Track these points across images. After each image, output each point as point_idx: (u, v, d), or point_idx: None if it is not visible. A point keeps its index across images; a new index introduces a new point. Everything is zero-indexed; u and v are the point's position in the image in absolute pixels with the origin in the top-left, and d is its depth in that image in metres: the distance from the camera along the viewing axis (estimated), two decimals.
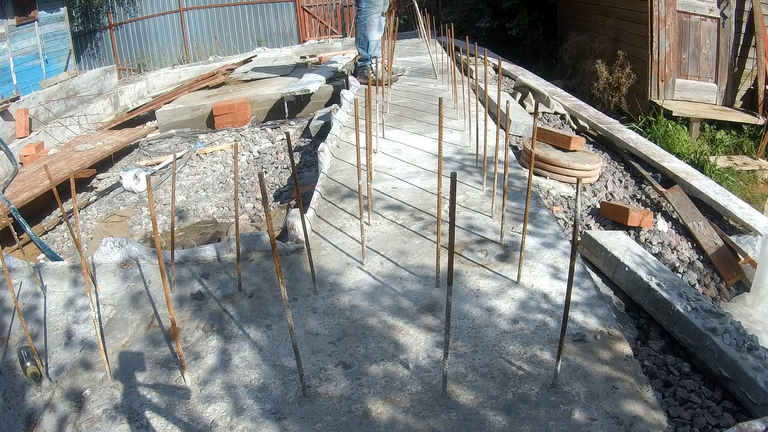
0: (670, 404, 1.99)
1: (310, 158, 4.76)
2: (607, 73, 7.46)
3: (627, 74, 7.27)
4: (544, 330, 2.03)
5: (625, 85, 7.31)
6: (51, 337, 2.25)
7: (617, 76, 7.34)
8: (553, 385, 1.77)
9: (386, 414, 1.72)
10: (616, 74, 7.35)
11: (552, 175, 3.90)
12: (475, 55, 3.86)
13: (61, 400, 1.92)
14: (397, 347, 2.00)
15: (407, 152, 3.90)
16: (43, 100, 7.46)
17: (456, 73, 5.37)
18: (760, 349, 2.04)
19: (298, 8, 13.47)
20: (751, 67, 7.06)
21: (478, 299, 2.22)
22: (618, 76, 7.33)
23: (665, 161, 4.19)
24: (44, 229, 4.51)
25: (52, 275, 2.62)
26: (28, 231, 3.97)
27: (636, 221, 3.34)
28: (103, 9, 13.12)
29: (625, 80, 7.29)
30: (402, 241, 2.69)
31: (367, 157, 2.76)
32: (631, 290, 2.55)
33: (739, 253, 3.20)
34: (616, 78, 7.36)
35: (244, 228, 3.74)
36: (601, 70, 7.51)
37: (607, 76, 7.44)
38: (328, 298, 2.29)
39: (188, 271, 2.58)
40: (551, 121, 5.38)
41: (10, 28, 8.13)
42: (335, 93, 6.43)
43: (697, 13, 7.02)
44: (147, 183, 1.77)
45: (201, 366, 1.99)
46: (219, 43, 13.30)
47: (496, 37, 11.13)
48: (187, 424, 1.75)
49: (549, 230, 2.71)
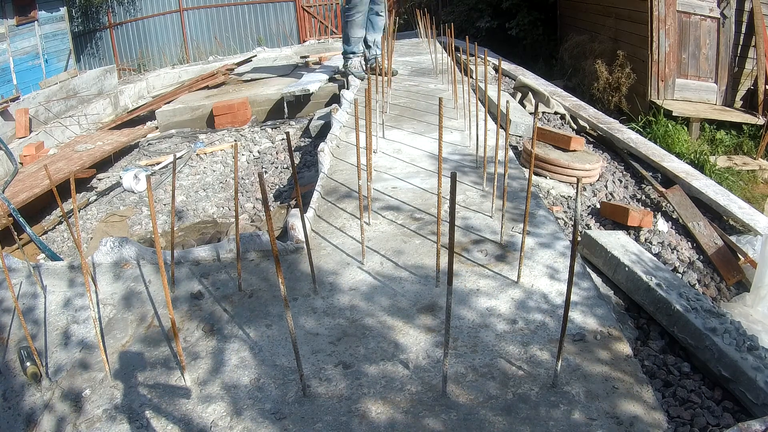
0: (670, 404, 1.99)
1: (310, 158, 4.76)
2: (607, 73, 7.46)
3: (627, 74, 7.27)
4: (543, 330, 2.03)
5: (625, 85, 7.31)
6: (51, 337, 2.25)
7: (617, 76, 7.34)
8: (553, 385, 1.77)
9: (386, 414, 1.72)
10: (616, 74, 7.35)
11: (552, 175, 3.90)
12: (476, 55, 3.86)
13: (60, 400, 1.92)
14: (397, 347, 2.00)
15: (407, 152, 3.90)
16: (43, 100, 7.46)
17: (456, 73, 5.37)
18: (760, 349, 2.04)
19: (298, 8, 13.47)
20: (751, 67, 7.06)
21: (478, 299, 2.22)
22: (618, 76, 7.33)
23: (665, 161, 4.19)
24: (44, 229, 4.51)
25: (51, 275, 2.62)
26: (28, 231, 3.97)
27: (636, 221, 3.34)
28: (103, 9, 13.11)
29: (625, 80, 7.29)
30: (402, 240, 2.69)
31: (367, 157, 2.76)
32: (631, 290, 2.55)
33: (739, 253, 3.20)
34: (616, 78, 7.36)
35: (244, 228, 3.74)
36: (601, 70, 7.51)
37: (607, 76, 7.44)
38: (327, 298, 2.29)
39: (188, 271, 2.58)
40: (551, 121, 5.38)
41: (10, 28, 8.13)
42: (335, 93, 6.43)
43: (697, 13, 7.02)
44: (147, 183, 1.77)
45: (201, 366, 1.99)
46: (219, 43, 13.30)
47: (496, 37, 11.13)
48: (186, 424, 1.75)
49: (549, 230, 2.71)
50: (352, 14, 6.06)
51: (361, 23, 6.15)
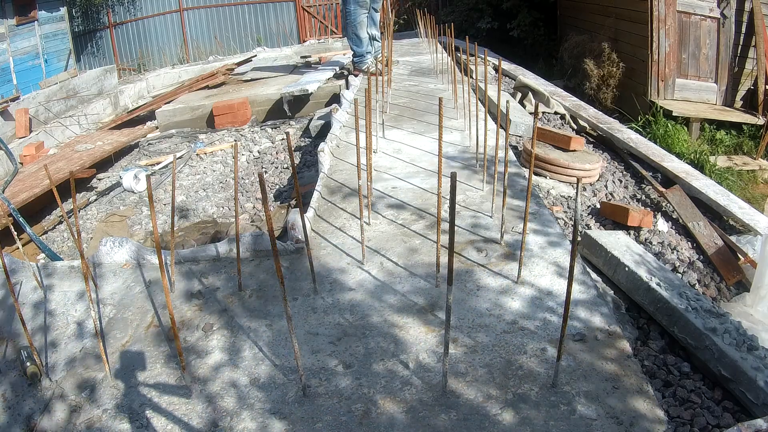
0: (670, 404, 1.99)
1: (310, 158, 4.76)
2: (596, 69, 7.46)
3: (617, 64, 7.26)
4: (543, 330, 2.03)
5: (616, 76, 7.30)
6: (51, 336, 2.24)
7: (608, 70, 7.34)
8: (553, 384, 1.77)
9: (386, 414, 1.72)
10: (607, 67, 7.34)
11: (552, 174, 3.90)
12: (476, 55, 3.85)
13: (60, 400, 1.92)
14: (398, 347, 2.00)
15: (407, 152, 3.90)
16: (43, 100, 7.46)
17: (456, 72, 5.37)
18: (760, 349, 2.04)
19: (298, 8, 13.47)
20: (751, 67, 7.06)
21: (478, 299, 2.22)
22: (609, 69, 7.32)
23: (665, 161, 4.19)
24: (44, 229, 4.51)
25: (51, 275, 2.62)
26: (28, 231, 3.97)
27: (636, 221, 3.34)
28: (103, 9, 13.11)
29: (615, 70, 7.28)
30: (402, 240, 2.69)
31: (367, 156, 2.76)
32: (631, 290, 2.55)
33: (739, 253, 3.20)
34: (607, 72, 7.36)
35: (244, 228, 3.74)
36: (590, 67, 7.52)
37: (598, 71, 7.44)
38: (328, 298, 2.29)
39: (188, 271, 2.58)
40: (551, 121, 5.38)
41: (10, 27, 8.13)
42: (335, 93, 6.43)
43: (697, 13, 7.02)
44: (147, 183, 1.77)
45: (201, 366, 1.99)
46: (219, 43, 13.30)
47: (496, 36, 11.12)
48: (187, 424, 1.75)
49: (549, 230, 2.71)
50: (358, 15, 6.10)
51: (366, 22, 6.21)
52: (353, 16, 6.13)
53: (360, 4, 6.06)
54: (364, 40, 6.30)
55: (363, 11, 6.10)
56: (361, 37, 6.28)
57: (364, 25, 6.19)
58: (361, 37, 6.28)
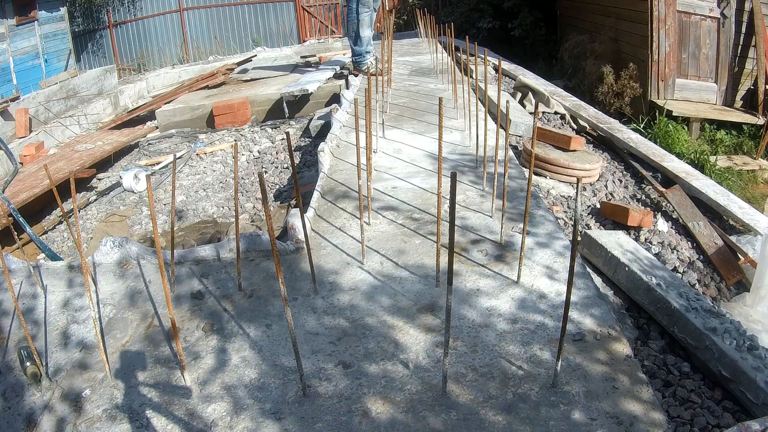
0: (670, 404, 1.99)
1: (310, 158, 4.76)
2: (613, 79, 7.43)
3: (632, 86, 7.23)
4: (543, 330, 2.03)
5: (628, 95, 7.29)
6: (51, 336, 2.25)
7: (623, 84, 7.31)
8: (553, 384, 1.77)
9: (386, 414, 1.72)
10: (622, 81, 7.32)
11: (552, 174, 3.90)
12: (476, 55, 3.85)
13: (60, 400, 1.92)
14: (397, 347, 2.00)
15: (407, 152, 3.90)
16: (43, 100, 7.46)
17: (456, 72, 5.37)
18: (760, 349, 2.04)
19: (298, 8, 13.46)
20: (751, 66, 7.06)
21: (478, 299, 2.22)
22: (624, 84, 7.30)
23: (665, 161, 4.19)
24: (44, 229, 4.51)
25: (51, 275, 2.62)
26: (28, 231, 3.97)
27: (636, 221, 3.34)
28: (103, 8, 13.11)
29: (630, 91, 7.26)
30: (402, 240, 2.69)
31: (367, 156, 2.76)
32: (631, 290, 2.55)
33: (739, 253, 3.20)
34: (621, 85, 7.34)
35: (244, 228, 3.74)
36: (607, 74, 7.47)
37: (612, 82, 7.41)
38: (328, 298, 2.29)
39: (188, 271, 2.58)
40: (551, 120, 5.38)
41: (10, 27, 8.12)
42: (335, 93, 6.43)
43: (697, 13, 7.02)
44: (147, 183, 1.77)
45: (201, 366, 1.99)
46: (219, 43, 13.30)
47: (496, 36, 11.12)
48: (187, 424, 1.75)
49: (549, 230, 2.71)
50: (362, 14, 6.13)
51: (369, 22, 6.26)
52: (359, 14, 6.16)
53: (365, 4, 6.11)
54: (365, 39, 6.33)
55: (367, 10, 6.15)
56: (363, 36, 6.31)
57: (367, 24, 6.23)
58: (363, 36, 6.31)
